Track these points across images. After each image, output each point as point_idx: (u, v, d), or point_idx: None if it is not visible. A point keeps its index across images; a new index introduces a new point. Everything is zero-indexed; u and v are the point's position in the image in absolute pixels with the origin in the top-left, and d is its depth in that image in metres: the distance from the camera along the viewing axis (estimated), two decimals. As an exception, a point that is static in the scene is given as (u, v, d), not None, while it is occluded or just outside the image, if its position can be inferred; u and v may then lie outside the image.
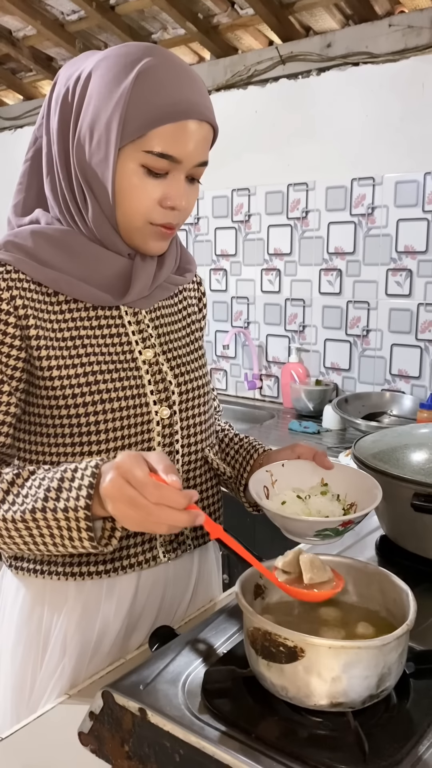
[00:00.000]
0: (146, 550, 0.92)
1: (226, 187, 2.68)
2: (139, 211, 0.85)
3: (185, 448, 0.95)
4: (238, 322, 2.76)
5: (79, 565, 0.89)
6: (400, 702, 0.67)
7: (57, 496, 0.74)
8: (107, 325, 0.90)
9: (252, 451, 1.02)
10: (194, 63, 2.76)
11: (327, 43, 2.33)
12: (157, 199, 0.84)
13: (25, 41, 2.96)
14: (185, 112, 0.81)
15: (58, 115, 0.86)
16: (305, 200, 2.47)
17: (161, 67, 0.81)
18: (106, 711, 0.69)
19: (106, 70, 0.82)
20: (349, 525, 0.80)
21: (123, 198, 0.84)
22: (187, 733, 0.63)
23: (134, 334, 0.92)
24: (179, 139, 0.81)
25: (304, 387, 2.42)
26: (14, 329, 0.83)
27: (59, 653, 0.91)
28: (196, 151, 0.84)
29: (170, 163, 0.82)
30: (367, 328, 2.38)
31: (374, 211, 2.30)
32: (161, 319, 0.97)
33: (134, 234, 0.87)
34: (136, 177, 0.82)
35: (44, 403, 0.86)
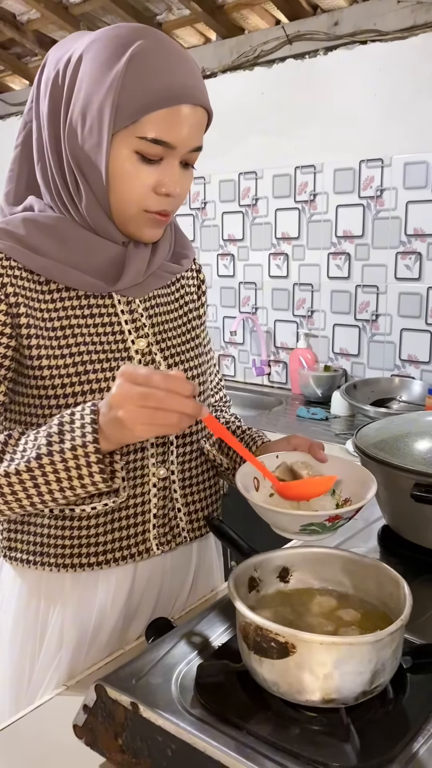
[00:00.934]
0: (139, 543, 0.91)
1: (233, 170, 2.64)
2: (134, 199, 0.83)
3: (180, 440, 0.94)
4: (246, 307, 2.73)
5: (71, 557, 0.89)
6: (396, 697, 0.66)
7: (60, 438, 0.74)
8: (99, 314, 0.89)
9: (250, 443, 1.00)
10: (200, 44, 2.72)
11: (334, 21, 2.28)
12: (151, 185, 0.82)
13: (29, 25, 2.92)
14: (179, 97, 0.79)
15: (48, 99, 0.84)
16: (313, 183, 2.43)
17: (154, 50, 0.79)
18: (99, 704, 0.69)
19: (98, 53, 0.80)
20: (337, 520, 0.77)
21: (117, 185, 0.82)
22: (179, 728, 0.62)
23: (127, 323, 0.91)
24: (173, 125, 0.80)
25: (312, 373, 2.40)
26: (4, 317, 0.82)
27: (56, 644, 0.91)
28: (191, 136, 0.82)
29: (164, 149, 0.81)
30: (376, 313, 2.35)
31: (383, 194, 2.26)
32: (156, 308, 0.95)
33: (129, 222, 0.85)
34: (130, 163, 0.81)
35: (33, 392, 0.85)
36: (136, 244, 0.89)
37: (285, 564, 0.75)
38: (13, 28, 2.91)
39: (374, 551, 1.00)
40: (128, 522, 0.90)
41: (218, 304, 2.83)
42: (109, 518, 0.89)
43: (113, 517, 0.89)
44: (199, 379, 0.98)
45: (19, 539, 0.91)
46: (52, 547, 0.89)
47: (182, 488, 0.96)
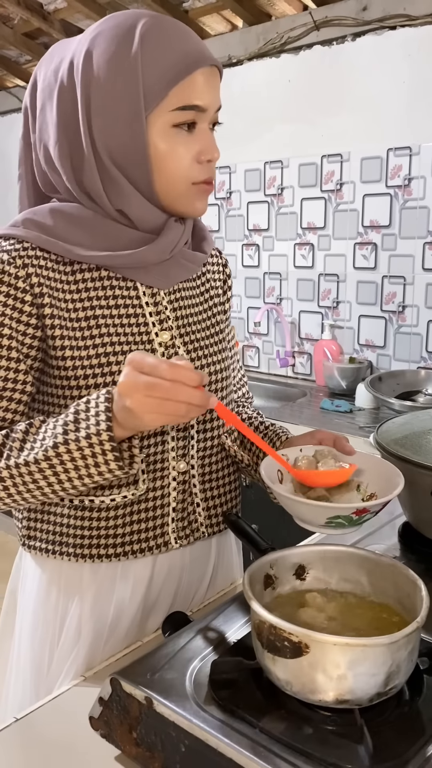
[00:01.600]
0: (158, 536, 0.91)
1: (258, 159, 2.62)
2: (181, 174, 0.84)
3: (200, 434, 0.94)
4: (271, 298, 2.72)
5: (90, 547, 0.89)
6: (412, 699, 0.65)
7: (76, 427, 0.74)
8: (124, 305, 0.88)
9: (275, 438, 0.99)
10: (226, 31, 2.69)
11: (363, 6, 2.24)
12: (193, 156, 0.84)
13: (56, 14, 2.92)
14: (197, 62, 0.81)
15: (56, 108, 0.83)
16: (339, 172, 2.40)
17: (158, 25, 0.81)
18: (114, 698, 0.69)
19: (107, 45, 0.80)
20: (364, 514, 0.76)
21: (160, 165, 0.83)
22: (192, 724, 0.62)
23: (151, 315, 0.90)
24: (198, 89, 0.82)
25: (337, 365, 2.38)
26: (30, 307, 0.83)
27: (74, 635, 0.92)
28: (214, 96, 0.85)
29: (196, 113, 0.82)
30: (402, 304, 2.32)
31: (411, 183, 2.22)
32: (180, 301, 0.95)
33: (179, 200, 0.87)
34: (170, 140, 0.82)
35: (56, 382, 0.86)
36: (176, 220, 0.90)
37: (301, 562, 0.75)
38: (40, 17, 2.91)
39: (394, 548, 0.99)
40: (147, 515, 0.91)
41: (243, 295, 2.82)
42: (128, 510, 0.89)
43: (132, 509, 0.90)
44: (222, 374, 0.97)
45: (38, 528, 0.92)
46: (71, 537, 0.90)
47: (201, 483, 0.95)
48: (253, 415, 1.09)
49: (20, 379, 0.83)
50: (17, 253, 0.83)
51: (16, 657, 0.97)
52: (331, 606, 0.71)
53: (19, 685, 0.96)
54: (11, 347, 0.81)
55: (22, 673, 0.96)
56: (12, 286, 0.81)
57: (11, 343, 0.81)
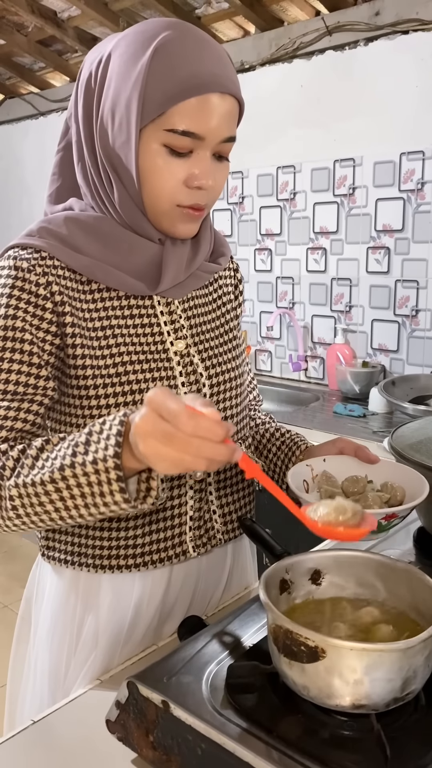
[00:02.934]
0: (176, 545, 0.92)
1: (271, 164, 2.62)
2: (165, 193, 0.82)
3: None
4: (283, 302, 2.72)
5: (108, 558, 0.90)
6: (428, 704, 0.65)
7: (85, 449, 0.69)
8: (139, 315, 0.89)
9: (294, 447, 0.99)
10: (239, 37, 2.70)
11: (375, 11, 2.24)
12: (182, 179, 0.81)
13: (70, 22, 2.95)
14: (206, 85, 0.77)
15: (82, 100, 0.85)
16: (352, 176, 2.40)
17: (179, 40, 0.78)
18: (131, 701, 0.70)
19: (125, 49, 0.80)
20: (392, 519, 0.75)
21: (148, 180, 0.82)
22: (208, 728, 0.63)
23: (166, 324, 0.91)
24: (201, 115, 0.78)
25: (350, 369, 2.38)
26: (51, 315, 0.83)
27: (91, 643, 0.92)
28: (220, 126, 0.80)
29: (193, 141, 0.79)
30: (416, 308, 2.31)
31: (424, 187, 2.21)
32: (194, 309, 0.95)
33: (162, 217, 0.85)
34: (160, 158, 0.80)
35: (75, 392, 0.86)
36: (173, 241, 0.89)
37: (317, 566, 0.75)
38: (54, 25, 2.94)
39: (409, 553, 0.99)
40: (165, 524, 0.91)
41: (255, 299, 2.82)
42: (146, 520, 0.90)
43: (150, 519, 0.90)
44: (237, 381, 0.97)
45: (57, 539, 0.93)
46: (90, 548, 0.90)
47: (217, 490, 0.96)
48: (266, 419, 1.09)
49: (41, 385, 0.83)
50: (36, 261, 0.83)
51: (33, 663, 0.98)
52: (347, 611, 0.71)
53: (37, 691, 0.96)
54: (32, 353, 0.82)
55: (39, 679, 0.96)
56: (33, 293, 0.82)
57: (32, 348, 0.82)
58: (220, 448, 0.61)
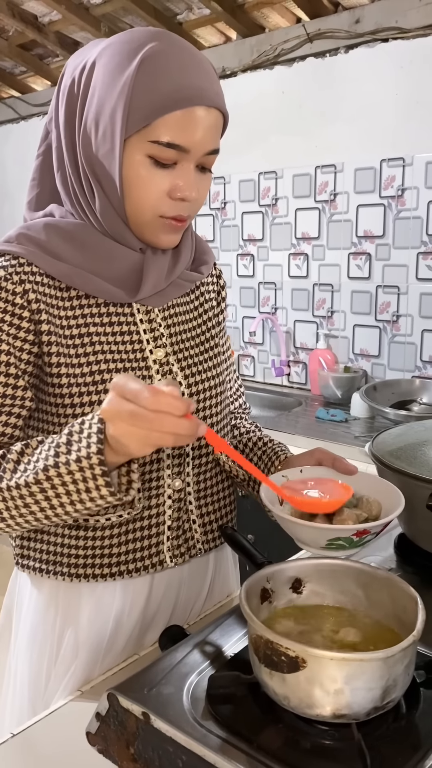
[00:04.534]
0: (153, 554, 0.91)
1: (253, 170, 2.63)
2: (148, 204, 0.82)
3: (196, 451, 0.94)
4: (266, 307, 2.73)
5: (84, 567, 0.89)
6: (408, 712, 0.65)
7: (68, 449, 0.71)
8: (118, 322, 0.88)
9: (274, 457, 0.98)
10: (220, 43, 2.71)
11: (356, 18, 2.26)
12: (165, 190, 0.81)
13: (51, 26, 2.94)
14: (191, 98, 0.77)
15: (64, 107, 0.84)
16: (333, 182, 2.41)
17: (166, 52, 0.78)
18: (111, 713, 0.69)
19: (110, 58, 0.80)
20: (365, 535, 0.74)
21: (131, 190, 0.81)
22: (189, 739, 0.62)
23: (146, 332, 0.90)
24: (186, 127, 0.78)
25: (332, 374, 2.39)
26: (28, 324, 0.82)
27: (71, 652, 0.91)
28: (205, 139, 0.80)
29: (178, 153, 0.79)
30: (397, 314, 2.33)
31: (404, 193, 2.23)
32: (174, 317, 0.95)
33: (144, 228, 0.85)
34: (144, 168, 0.80)
35: (51, 400, 0.86)
36: (153, 251, 0.89)
37: (298, 575, 0.75)
38: (34, 29, 2.93)
39: (390, 560, 0.99)
40: (142, 534, 0.90)
41: (238, 304, 2.82)
42: (123, 530, 0.89)
43: (127, 529, 0.89)
44: (217, 390, 0.97)
45: (32, 548, 0.92)
46: (65, 556, 0.89)
47: (197, 499, 0.95)
48: (251, 429, 1.09)
49: (19, 395, 0.82)
50: (13, 269, 0.82)
51: (13, 674, 0.97)
52: (327, 620, 0.71)
53: (17, 702, 0.95)
54: (9, 363, 0.81)
55: (19, 690, 0.95)
56: (9, 302, 0.81)
57: (9, 359, 0.81)
58: (183, 422, 0.65)
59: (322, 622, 0.71)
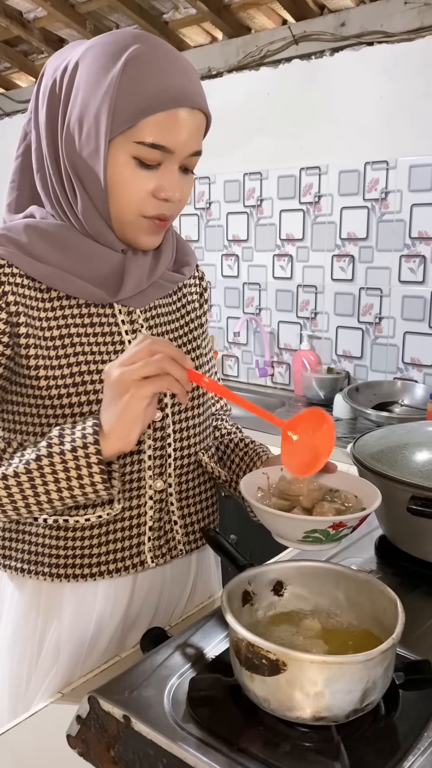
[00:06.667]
0: (134, 555, 0.91)
1: (238, 171, 2.64)
2: (132, 204, 0.82)
3: (177, 452, 0.94)
4: (250, 308, 2.73)
5: (65, 567, 0.89)
6: (388, 714, 0.66)
7: (61, 441, 0.75)
8: (100, 323, 0.88)
9: (255, 457, 0.99)
10: (206, 43, 2.71)
11: (341, 21, 2.27)
12: (150, 190, 0.82)
13: (36, 23, 2.92)
14: (176, 100, 0.78)
15: (45, 107, 0.84)
16: (318, 184, 2.42)
17: (150, 54, 0.79)
18: (92, 716, 0.69)
19: (94, 59, 0.80)
20: (340, 528, 0.74)
21: (115, 191, 0.82)
22: (170, 742, 0.62)
23: (128, 333, 0.90)
24: (170, 129, 0.79)
25: (315, 375, 2.40)
26: (5, 325, 0.82)
27: (53, 654, 0.91)
28: (189, 140, 0.81)
29: (163, 154, 0.80)
30: (379, 316, 2.35)
31: (388, 196, 2.25)
32: (157, 318, 0.95)
33: (126, 228, 0.85)
34: (128, 169, 0.80)
35: (31, 402, 0.85)
36: (134, 251, 0.89)
37: (279, 578, 0.75)
38: (19, 25, 2.91)
39: (371, 561, 1.00)
40: (123, 534, 0.90)
41: (222, 305, 2.83)
42: (103, 530, 0.89)
43: (108, 529, 0.89)
44: (199, 391, 0.97)
45: (13, 547, 0.91)
46: (47, 556, 0.89)
47: (179, 500, 0.95)
48: (232, 430, 1.09)
49: None
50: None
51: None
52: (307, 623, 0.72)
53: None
54: None
55: (0, 690, 0.95)
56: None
57: None
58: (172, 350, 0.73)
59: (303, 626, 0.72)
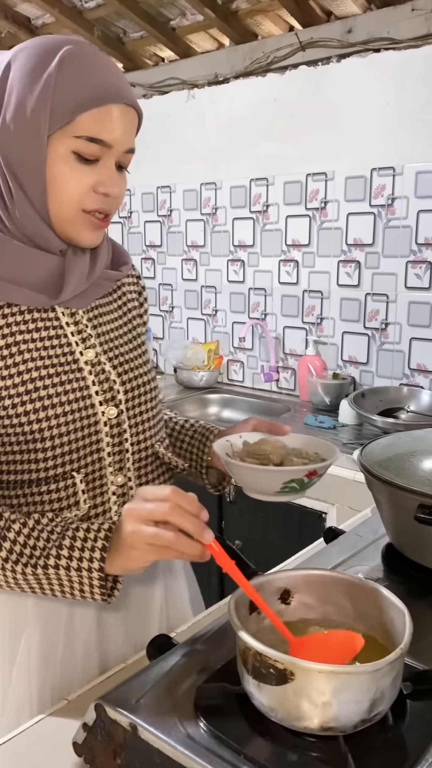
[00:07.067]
0: None
1: (244, 176, 2.64)
2: (73, 199, 0.84)
3: (134, 446, 0.95)
4: (255, 313, 2.73)
5: None
6: (395, 724, 0.66)
7: (69, 554, 0.76)
8: (44, 327, 0.88)
9: (207, 433, 1.05)
10: (214, 49, 2.72)
11: (348, 28, 2.28)
12: (90, 185, 0.83)
13: (44, 29, 2.93)
14: (112, 96, 0.81)
15: None
16: (324, 190, 2.43)
17: (83, 53, 0.82)
18: (98, 723, 0.69)
19: (26, 60, 0.81)
20: (312, 477, 0.86)
21: (55, 186, 0.83)
22: (177, 751, 0.62)
23: (73, 335, 0.91)
24: (108, 124, 0.82)
25: (320, 380, 2.40)
26: None
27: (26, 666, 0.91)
28: (125, 135, 0.84)
29: (101, 148, 0.82)
30: (385, 321, 2.35)
31: (394, 202, 2.25)
32: (100, 317, 0.96)
33: (67, 224, 0.86)
34: (67, 164, 0.82)
35: None
36: (74, 251, 0.89)
37: (286, 586, 0.75)
38: (27, 31, 2.92)
39: (378, 569, 0.99)
40: None
41: (227, 310, 2.83)
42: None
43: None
44: (150, 385, 1.00)
45: None
46: None
47: None
48: (172, 415, 1.14)
49: None
50: None
51: None
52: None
53: None
54: None
55: None
56: None
57: None
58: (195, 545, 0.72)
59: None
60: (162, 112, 2.86)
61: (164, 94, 2.88)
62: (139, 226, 3.11)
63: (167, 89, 2.87)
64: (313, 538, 1.23)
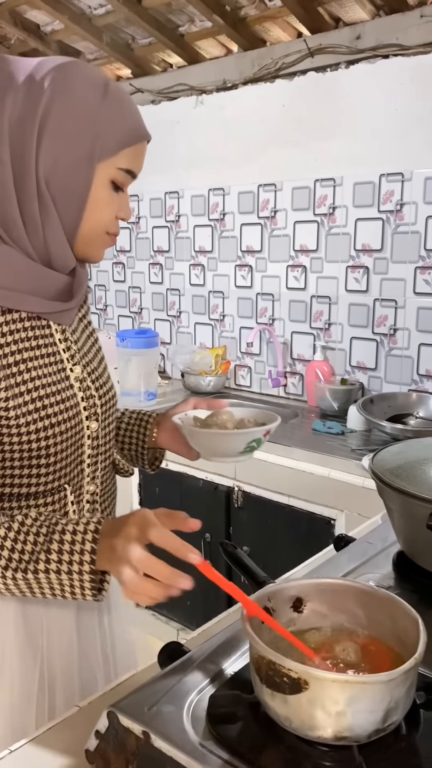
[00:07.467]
0: None
1: (252, 182, 2.65)
2: (104, 222, 0.90)
3: (102, 455, 0.98)
4: (263, 318, 2.73)
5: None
6: (409, 734, 0.65)
7: (59, 558, 0.75)
8: (44, 344, 0.90)
9: (145, 417, 1.12)
10: (222, 55, 2.73)
11: (356, 34, 2.28)
12: (115, 210, 0.91)
13: (53, 35, 2.95)
14: (144, 135, 0.91)
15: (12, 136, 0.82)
16: (332, 196, 2.43)
17: (123, 91, 0.90)
18: (111, 731, 0.69)
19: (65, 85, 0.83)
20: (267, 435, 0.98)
21: (95, 210, 0.88)
22: (190, 759, 0.62)
23: (64, 351, 0.93)
24: (139, 158, 0.91)
25: (328, 386, 2.39)
26: None
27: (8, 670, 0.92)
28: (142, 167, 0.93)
29: (130, 179, 0.91)
30: (394, 327, 2.34)
31: (403, 208, 2.25)
32: (78, 334, 0.98)
33: (89, 245, 0.91)
34: (107, 191, 0.88)
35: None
36: (81, 265, 0.95)
37: (299, 594, 0.75)
38: (36, 38, 2.94)
39: (389, 577, 0.99)
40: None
41: (235, 315, 2.83)
42: None
43: None
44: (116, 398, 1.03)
45: None
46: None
47: (102, 502, 1.00)
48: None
49: None
50: None
51: None
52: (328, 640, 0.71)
53: None
54: None
55: None
56: None
57: None
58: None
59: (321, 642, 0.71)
60: (170, 118, 2.87)
61: (173, 100, 2.89)
62: (147, 231, 3.12)
63: (176, 95, 2.88)
64: (321, 545, 1.23)
